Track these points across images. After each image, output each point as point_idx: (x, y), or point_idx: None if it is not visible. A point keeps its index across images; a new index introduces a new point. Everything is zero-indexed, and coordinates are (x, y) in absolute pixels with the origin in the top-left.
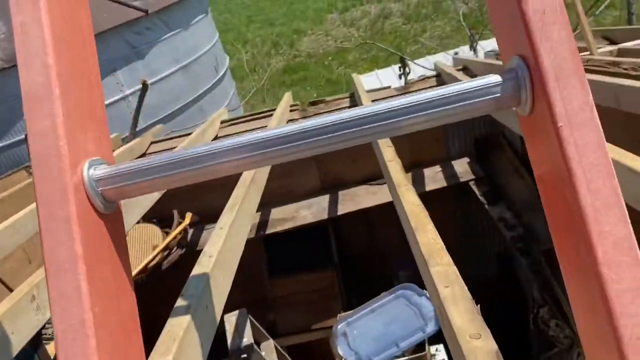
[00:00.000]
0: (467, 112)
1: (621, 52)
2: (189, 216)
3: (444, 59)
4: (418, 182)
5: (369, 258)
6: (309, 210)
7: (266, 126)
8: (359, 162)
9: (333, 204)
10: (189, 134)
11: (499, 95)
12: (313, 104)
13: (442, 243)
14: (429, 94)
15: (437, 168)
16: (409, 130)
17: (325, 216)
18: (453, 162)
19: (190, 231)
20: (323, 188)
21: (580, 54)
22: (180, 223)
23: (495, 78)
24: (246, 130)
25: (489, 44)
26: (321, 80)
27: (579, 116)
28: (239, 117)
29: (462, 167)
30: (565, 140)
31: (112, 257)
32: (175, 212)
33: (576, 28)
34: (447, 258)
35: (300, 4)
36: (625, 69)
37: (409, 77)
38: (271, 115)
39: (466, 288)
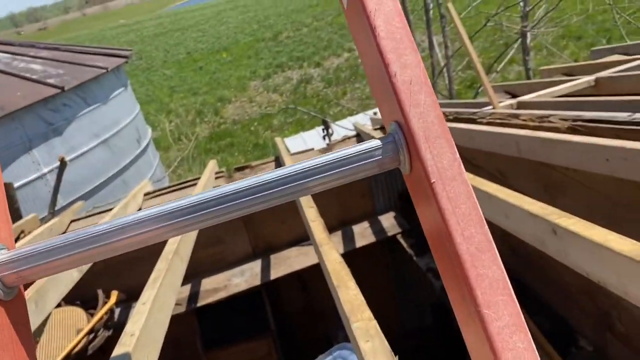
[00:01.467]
0: (354, 174)
1: (520, 105)
2: (114, 294)
3: (364, 119)
4: (348, 240)
5: (307, 320)
6: (242, 278)
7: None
8: (289, 223)
9: (266, 268)
10: (111, 209)
11: (380, 157)
12: (239, 169)
13: (363, 298)
14: (320, 159)
15: (366, 224)
16: (303, 195)
17: (258, 282)
18: (380, 217)
19: (117, 310)
20: (255, 253)
21: (485, 108)
22: (105, 303)
23: (377, 142)
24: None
25: None
26: (248, 145)
27: (449, 172)
28: (164, 188)
29: (388, 221)
30: (439, 194)
31: (13, 345)
32: (100, 292)
33: (480, 85)
34: (367, 313)
35: (223, 73)
36: (524, 120)
37: (333, 137)
38: (196, 183)
39: (386, 342)
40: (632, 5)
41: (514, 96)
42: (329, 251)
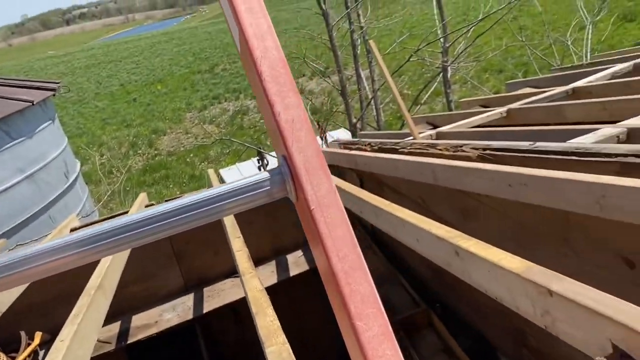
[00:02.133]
0: (247, 203)
1: (439, 135)
2: (38, 335)
3: None
4: (282, 269)
5: (240, 351)
6: (174, 312)
7: None
8: (222, 254)
9: (198, 301)
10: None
11: (269, 188)
12: (169, 202)
13: (279, 324)
14: (215, 190)
15: (299, 253)
16: (198, 225)
17: (191, 316)
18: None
19: (42, 352)
20: (187, 287)
21: (407, 138)
22: (29, 345)
23: (266, 175)
24: None
25: (338, 133)
26: (184, 177)
27: (326, 199)
28: (90, 223)
29: None
30: (317, 220)
31: None
32: (23, 333)
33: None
34: (282, 338)
35: (158, 104)
36: (440, 150)
37: (268, 167)
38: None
39: None
40: (543, 42)
41: (434, 127)
42: (250, 280)
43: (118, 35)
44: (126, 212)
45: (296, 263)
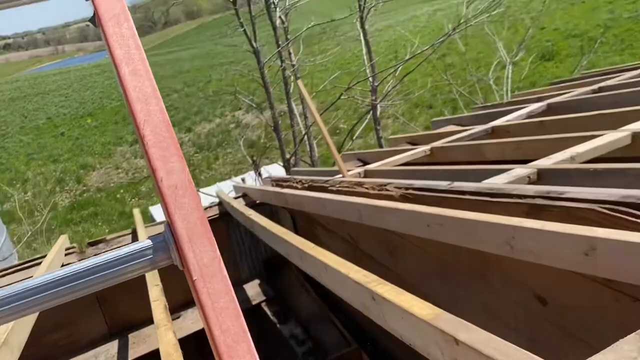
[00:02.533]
0: (129, 273)
1: (367, 173)
2: None
3: (230, 186)
4: None
5: None
6: None
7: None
8: (147, 298)
9: (123, 348)
10: None
11: (151, 257)
12: (92, 244)
13: None
14: (94, 260)
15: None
16: (77, 296)
17: None
18: (245, 286)
19: None
20: (111, 333)
21: (336, 176)
22: None
23: (148, 242)
24: (11, 284)
25: (272, 168)
26: (113, 214)
27: (209, 269)
28: (5, 269)
29: (253, 289)
30: (200, 290)
31: None
32: None
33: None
34: None
35: (87, 138)
36: (366, 189)
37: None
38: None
39: None
40: (468, 81)
41: (365, 163)
42: (164, 333)
43: (46, 67)
44: (44, 256)
45: None
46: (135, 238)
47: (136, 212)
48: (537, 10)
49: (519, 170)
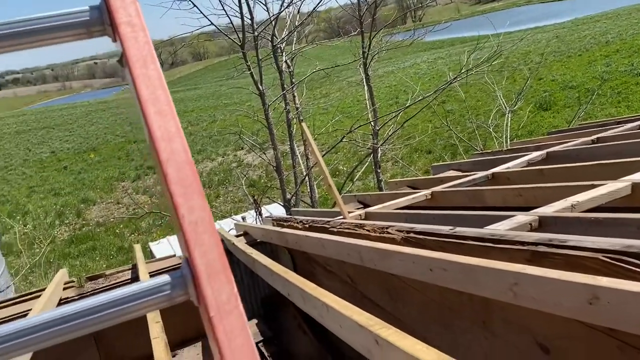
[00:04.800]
0: (146, 308)
1: (367, 215)
2: None
3: (231, 224)
4: (208, 351)
5: None
6: None
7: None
8: (143, 335)
9: None
10: None
11: (169, 292)
12: (91, 278)
13: None
14: (110, 295)
15: None
16: (91, 331)
17: None
18: None
19: None
20: None
21: (337, 217)
22: None
23: (167, 278)
24: (8, 317)
25: (272, 208)
26: (112, 249)
27: (227, 306)
28: (4, 301)
29: (251, 329)
30: (216, 327)
31: None
32: None
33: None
34: None
35: (89, 173)
36: (367, 231)
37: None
38: (40, 295)
39: None
40: (468, 127)
41: (365, 205)
42: None
43: (53, 102)
44: (43, 290)
45: None
46: (134, 273)
47: (137, 248)
48: (535, 62)
49: (521, 217)
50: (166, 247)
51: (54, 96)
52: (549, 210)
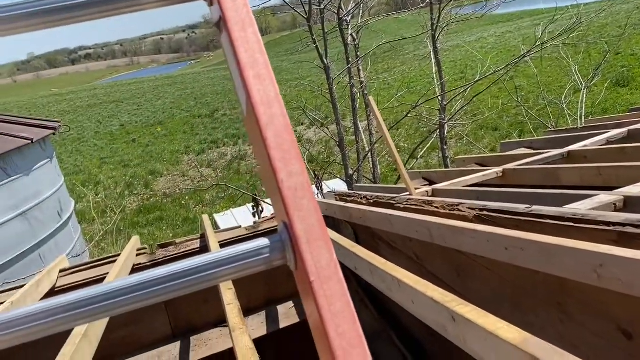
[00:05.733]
0: (244, 270)
1: (435, 192)
2: None
3: None
4: (272, 320)
5: None
6: None
7: (108, 273)
8: (212, 303)
9: (185, 351)
10: (22, 286)
11: (268, 255)
12: (162, 246)
13: None
14: (211, 256)
15: (290, 304)
16: (198, 288)
17: None
18: None
19: None
20: (174, 334)
21: (403, 194)
22: None
23: (266, 241)
24: (87, 279)
25: (333, 184)
26: (178, 219)
27: (326, 271)
28: (81, 265)
29: None
30: (316, 292)
31: None
32: None
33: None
34: None
35: (156, 146)
36: (436, 208)
37: (263, 214)
38: (115, 260)
39: None
40: (539, 103)
41: (431, 183)
42: (240, 336)
43: (122, 76)
44: (118, 255)
45: (287, 314)
46: (203, 243)
47: (205, 218)
48: (613, 35)
49: (604, 197)
50: (230, 219)
51: (123, 71)
52: (635, 190)
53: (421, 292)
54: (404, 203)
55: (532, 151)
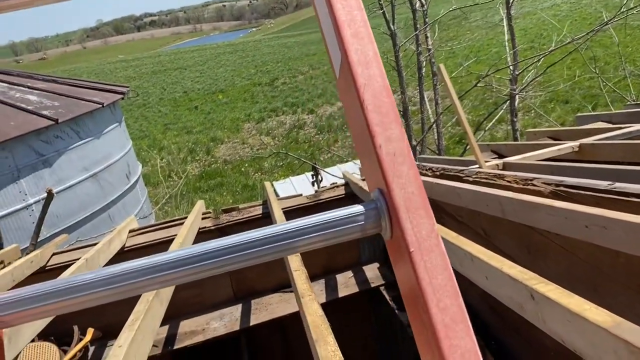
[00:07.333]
0: (338, 237)
1: (506, 166)
2: (90, 332)
3: (353, 168)
4: (331, 289)
5: None
6: (221, 322)
7: (176, 235)
8: (273, 268)
9: (246, 313)
10: (95, 244)
11: (363, 223)
12: (226, 211)
13: (341, 355)
14: (306, 221)
15: (350, 274)
16: (288, 254)
17: (237, 327)
18: (364, 268)
19: (92, 348)
20: (236, 297)
21: (472, 166)
22: (80, 340)
23: (360, 208)
24: (155, 240)
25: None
26: (237, 185)
27: (427, 242)
28: (149, 226)
29: (372, 272)
30: (416, 264)
31: None
32: (76, 328)
33: (467, 144)
34: None
35: (217, 113)
36: (508, 182)
37: (322, 184)
38: (182, 223)
39: None
40: (618, 74)
41: (500, 156)
42: (309, 303)
43: (185, 43)
44: (184, 218)
45: (346, 284)
46: (265, 209)
47: (268, 185)
48: None
49: None
50: (289, 186)
51: (186, 38)
52: None
53: (497, 268)
54: (474, 176)
55: (610, 125)
